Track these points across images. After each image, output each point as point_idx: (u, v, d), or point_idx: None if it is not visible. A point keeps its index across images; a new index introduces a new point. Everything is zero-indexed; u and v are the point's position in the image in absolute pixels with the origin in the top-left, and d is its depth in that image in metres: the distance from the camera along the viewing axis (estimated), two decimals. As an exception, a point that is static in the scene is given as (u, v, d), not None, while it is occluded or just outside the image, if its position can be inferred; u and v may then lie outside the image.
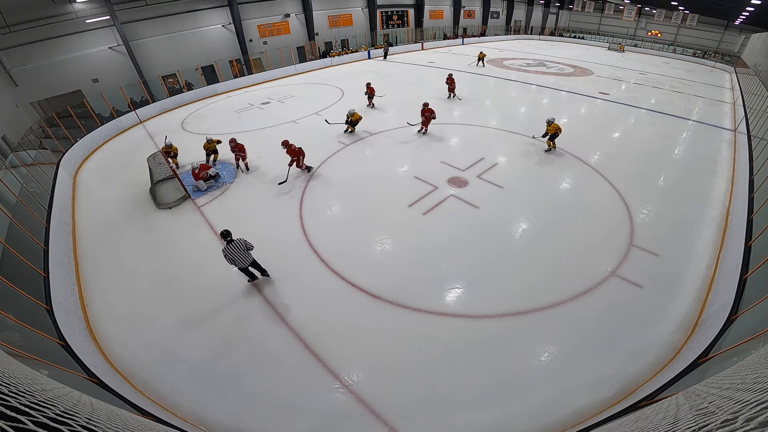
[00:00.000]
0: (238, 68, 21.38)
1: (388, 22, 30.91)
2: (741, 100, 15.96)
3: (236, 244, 5.35)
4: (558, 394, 4.42)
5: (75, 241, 7.55)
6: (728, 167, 10.00)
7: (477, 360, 4.83)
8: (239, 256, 5.39)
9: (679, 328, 5.20)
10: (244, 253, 5.43)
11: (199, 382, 4.68)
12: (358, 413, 4.27)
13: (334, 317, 5.49)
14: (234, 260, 5.39)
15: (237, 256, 5.37)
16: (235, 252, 5.35)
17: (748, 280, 4.98)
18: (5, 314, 4.15)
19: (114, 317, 5.71)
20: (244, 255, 5.45)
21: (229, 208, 8.37)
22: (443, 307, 5.61)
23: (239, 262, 5.44)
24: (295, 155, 9.15)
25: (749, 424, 0.94)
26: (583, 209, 7.97)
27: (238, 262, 5.44)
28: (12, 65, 14.30)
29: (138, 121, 14.89)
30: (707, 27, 34.68)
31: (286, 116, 14.26)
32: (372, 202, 8.37)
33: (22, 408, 0.97)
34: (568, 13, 46.00)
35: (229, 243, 5.34)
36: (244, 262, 5.49)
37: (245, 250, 5.43)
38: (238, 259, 5.41)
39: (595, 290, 5.85)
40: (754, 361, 2.07)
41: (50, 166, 9.89)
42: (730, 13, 27.50)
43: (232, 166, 10.22)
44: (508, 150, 10.91)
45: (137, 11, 17.53)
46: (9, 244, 5.36)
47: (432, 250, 6.76)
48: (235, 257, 5.36)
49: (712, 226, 7.43)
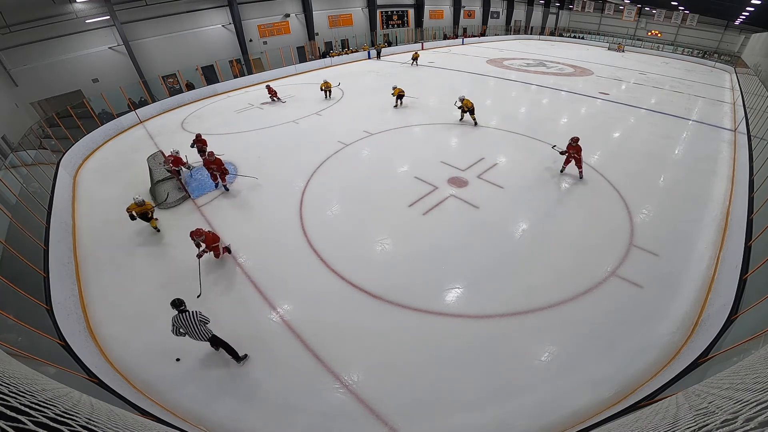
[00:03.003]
0: (238, 68, 21.38)
1: (388, 22, 30.91)
2: (741, 100, 15.96)
3: (190, 315, 4.43)
4: (558, 394, 4.42)
5: (75, 241, 7.55)
6: (728, 167, 10.00)
7: (477, 360, 4.83)
8: (193, 330, 4.45)
9: (679, 328, 5.20)
10: (199, 326, 4.46)
11: (199, 382, 4.68)
12: (358, 413, 4.28)
13: (334, 317, 5.50)
14: (186, 333, 4.47)
15: (190, 329, 4.45)
16: (187, 324, 4.42)
17: (748, 280, 4.98)
18: (5, 314, 4.15)
19: (114, 317, 5.71)
20: (199, 328, 4.48)
21: (229, 208, 8.36)
22: (443, 307, 5.61)
23: (194, 335, 4.49)
24: (211, 242, 6.34)
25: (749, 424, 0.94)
26: (583, 209, 7.97)
27: (192, 335, 4.49)
28: (12, 65, 14.30)
29: (138, 121, 14.89)
30: (707, 27, 34.67)
31: (286, 116, 14.26)
32: (372, 202, 8.37)
33: (22, 408, 0.97)
34: (568, 13, 46.00)
35: (181, 313, 4.41)
36: (199, 336, 4.52)
37: (200, 324, 4.47)
38: (192, 332, 4.47)
39: (595, 290, 5.86)
40: (754, 361, 2.07)
41: (50, 166, 9.89)
42: (730, 13, 27.50)
43: (232, 166, 10.21)
44: (508, 150, 10.91)
45: (137, 11, 17.54)
46: (9, 244, 5.37)
47: (432, 250, 6.76)
48: (188, 330, 4.45)
49: (712, 226, 7.43)
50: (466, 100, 12.36)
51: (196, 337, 4.52)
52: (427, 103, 15.66)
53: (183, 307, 4.45)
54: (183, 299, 4.49)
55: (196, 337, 4.52)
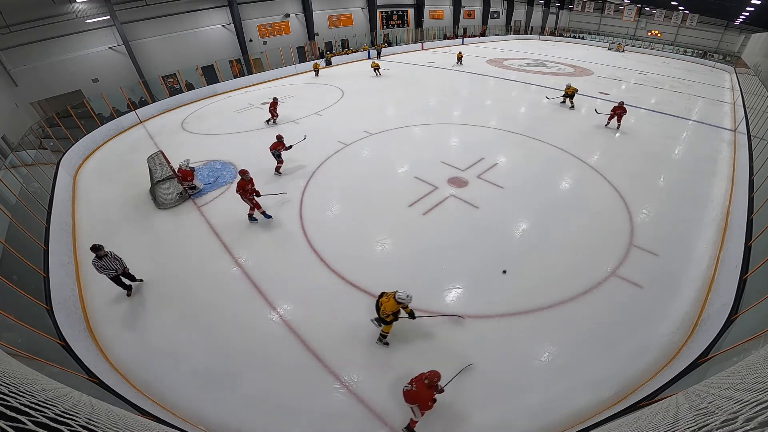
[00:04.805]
0: (238, 68, 21.37)
1: (388, 22, 30.91)
2: (741, 100, 15.96)
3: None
4: (558, 394, 4.42)
5: (75, 241, 7.55)
6: (728, 167, 10.00)
7: (477, 360, 4.82)
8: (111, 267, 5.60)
9: (679, 328, 5.20)
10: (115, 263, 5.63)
11: (199, 382, 4.68)
12: (358, 413, 4.28)
13: (334, 317, 5.49)
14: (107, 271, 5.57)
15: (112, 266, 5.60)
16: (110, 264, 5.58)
17: (748, 280, 4.98)
18: (5, 314, 4.15)
19: (114, 317, 5.71)
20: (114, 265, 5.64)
21: (229, 208, 8.35)
22: (443, 307, 5.61)
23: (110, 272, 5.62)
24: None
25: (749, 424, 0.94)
26: (583, 209, 7.97)
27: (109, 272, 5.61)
28: (12, 65, 14.29)
29: (138, 121, 14.89)
30: (707, 27, 34.68)
31: (287, 116, 14.26)
32: (372, 202, 8.37)
33: (22, 408, 0.97)
34: (568, 13, 46.00)
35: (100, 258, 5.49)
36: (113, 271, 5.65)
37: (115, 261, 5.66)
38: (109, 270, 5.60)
39: (595, 290, 5.86)
40: (754, 361, 2.07)
41: (50, 166, 9.89)
42: (730, 13, 27.51)
43: (233, 167, 10.21)
44: (508, 150, 10.91)
45: (137, 11, 17.53)
46: (9, 244, 5.36)
47: (432, 250, 6.76)
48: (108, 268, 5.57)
49: (712, 226, 7.43)
50: (572, 87, 14.58)
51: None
52: (427, 103, 15.67)
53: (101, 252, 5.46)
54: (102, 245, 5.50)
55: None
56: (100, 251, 5.44)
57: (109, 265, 5.54)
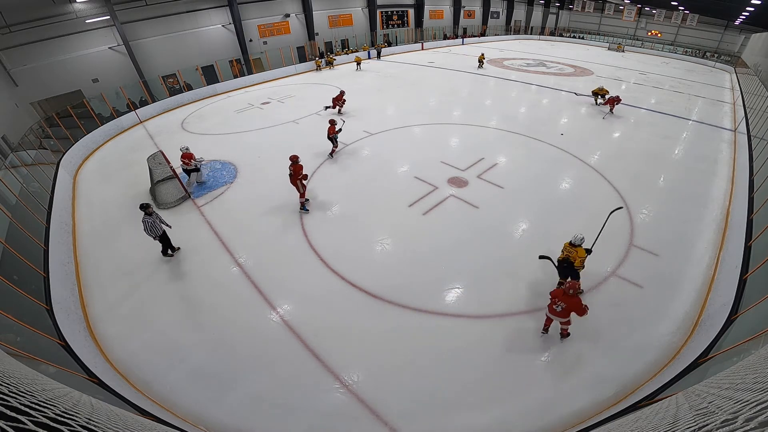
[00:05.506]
0: (238, 68, 21.37)
1: (388, 22, 30.91)
2: (741, 100, 15.96)
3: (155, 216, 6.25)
4: (558, 394, 4.42)
5: (75, 241, 7.55)
6: (728, 167, 10.00)
7: (477, 360, 4.83)
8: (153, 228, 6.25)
9: (679, 328, 5.21)
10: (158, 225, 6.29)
11: (199, 382, 4.68)
12: (359, 413, 4.27)
13: (334, 317, 5.49)
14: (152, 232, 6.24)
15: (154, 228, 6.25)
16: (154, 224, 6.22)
17: (748, 280, 4.98)
18: (5, 314, 4.15)
19: (114, 317, 5.71)
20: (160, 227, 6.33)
21: (229, 208, 8.36)
22: (443, 307, 5.61)
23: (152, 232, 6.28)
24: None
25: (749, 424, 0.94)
26: (583, 209, 7.97)
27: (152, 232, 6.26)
28: (12, 65, 14.28)
29: (138, 121, 14.89)
30: (707, 27, 34.68)
31: (287, 116, 14.26)
32: (372, 202, 8.37)
33: (22, 408, 0.97)
34: (568, 13, 46.00)
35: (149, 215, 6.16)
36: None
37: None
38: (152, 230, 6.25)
39: (595, 290, 5.86)
40: (754, 361, 2.07)
41: (50, 166, 9.89)
42: (730, 13, 27.51)
43: (233, 166, 10.21)
44: (508, 150, 10.91)
45: (137, 11, 17.52)
46: (9, 244, 5.36)
47: (432, 250, 6.76)
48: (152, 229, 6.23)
49: (712, 226, 7.43)
50: (604, 89, 15.03)
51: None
52: (427, 103, 15.67)
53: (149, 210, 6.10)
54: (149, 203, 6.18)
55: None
56: (149, 208, 6.04)
57: (156, 225, 6.17)
